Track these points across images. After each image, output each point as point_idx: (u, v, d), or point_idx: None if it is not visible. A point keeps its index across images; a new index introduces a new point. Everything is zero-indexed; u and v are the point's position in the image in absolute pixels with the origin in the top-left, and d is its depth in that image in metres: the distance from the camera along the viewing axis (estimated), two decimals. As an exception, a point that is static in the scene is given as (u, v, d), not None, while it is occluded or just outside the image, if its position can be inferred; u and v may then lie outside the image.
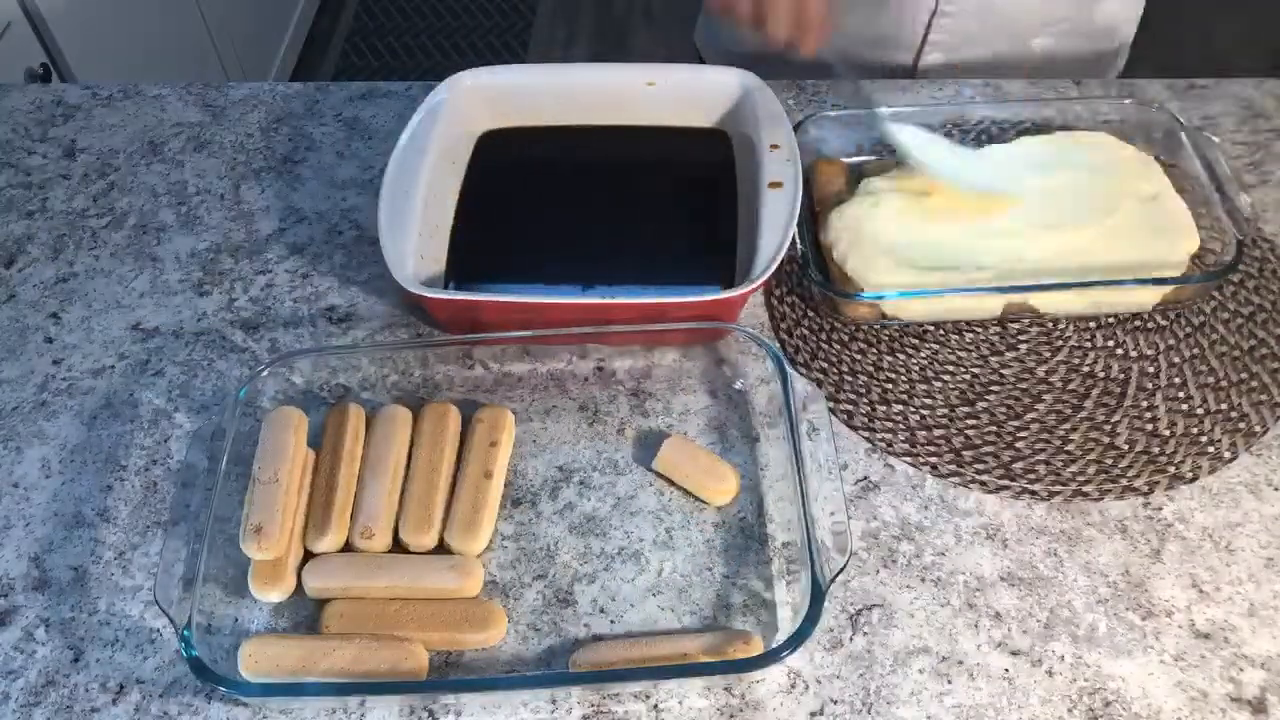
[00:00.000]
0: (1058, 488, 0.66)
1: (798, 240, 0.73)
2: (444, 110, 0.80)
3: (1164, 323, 0.74)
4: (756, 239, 0.71)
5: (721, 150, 0.82)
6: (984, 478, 0.67)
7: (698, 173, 0.81)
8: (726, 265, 0.74)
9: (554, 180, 0.82)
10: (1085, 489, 0.66)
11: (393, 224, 0.72)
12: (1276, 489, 0.66)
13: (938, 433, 0.69)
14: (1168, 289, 0.72)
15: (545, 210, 0.80)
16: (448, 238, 0.77)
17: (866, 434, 0.69)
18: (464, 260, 0.76)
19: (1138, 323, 0.74)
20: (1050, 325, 0.75)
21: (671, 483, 0.67)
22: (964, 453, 0.68)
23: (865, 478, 0.67)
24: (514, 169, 0.82)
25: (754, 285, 0.68)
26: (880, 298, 0.72)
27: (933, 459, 0.68)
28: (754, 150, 0.77)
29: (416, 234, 0.73)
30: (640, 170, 0.82)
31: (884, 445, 0.69)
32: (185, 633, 0.57)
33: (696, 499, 0.66)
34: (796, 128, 0.78)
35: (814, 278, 0.72)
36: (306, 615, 0.62)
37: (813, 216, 0.77)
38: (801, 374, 0.70)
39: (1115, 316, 0.75)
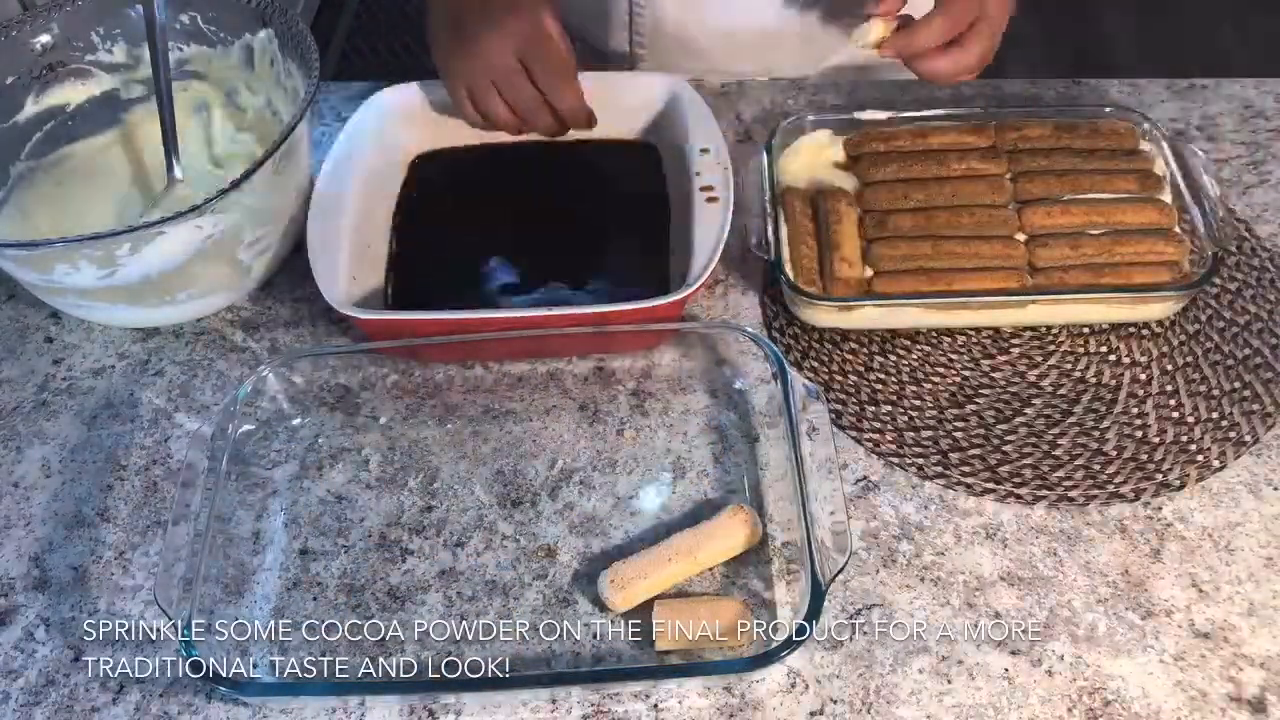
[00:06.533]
0: (1044, 492, 0.66)
1: (769, 240, 0.73)
2: (369, 128, 0.80)
3: (1158, 330, 0.74)
4: (691, 245, 0.71)
5: (651, 161, 0.82)
6: (970, 480, 0.67)
7: (629, 185, 0.81)
8: (662, 273, 0.75)
9: (486, 197, 0.82)
10: (1071, 494, 0.66)
11: (322, 245, 0.72)
12: (1276, 489, 0.66)
13: (925, 434, 0.69)
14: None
15: (479, 227, 0.80)
16: (383, 257, 0.78)
17: (854, 434, 0.69)
18: (401, 279, 0.77)
19: (1131, 329, 0.74)
20: (1043, 330, 0.74)
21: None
22: (951, 455, 0.68)
23: (865, 477, 0.67)
24: (446, 186, 0.82)
25: (689, 292, 0.68)
26: (841, 301, 0.71)
27: (919, 460, 0.68)
28: (684, 156, 0.77)
29: (347, 254, 0.73)
30: (572, 186, 0.82)
31: (870, 445, 0.69)
32: (185, 633, 0.57)
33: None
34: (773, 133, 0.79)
35: (785, 277, 0.72)
36: (306, 614, 0.62)
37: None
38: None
39: (1109, 321, 0.74)
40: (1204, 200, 0.73)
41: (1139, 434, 0.69)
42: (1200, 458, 0.67)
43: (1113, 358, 0.73)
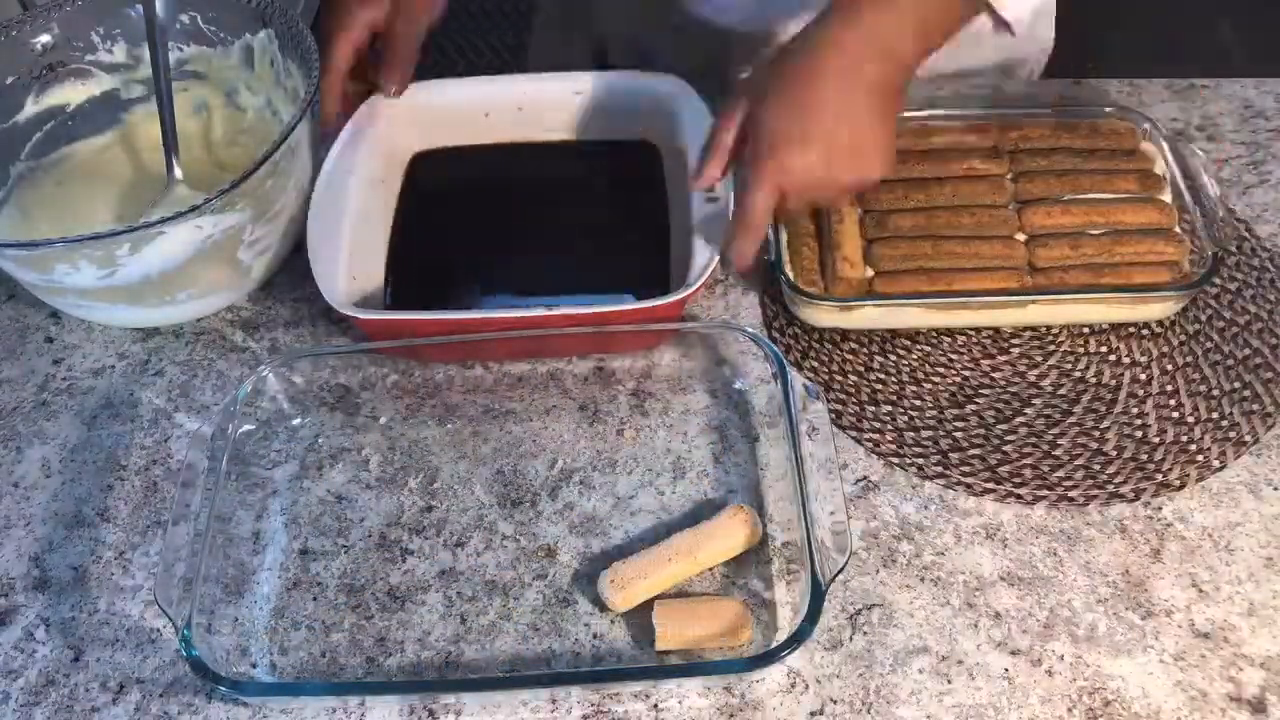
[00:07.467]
0: (1044, 492, 0.66)
1: (769, 240, 0.73)
2: (369, 128, 0.79)
3: (1158, 330, 0.74)
4: (691, 245, 0.71)
5: (651, 161, 0.82)
6: (970, 480, 0.67)
7: (629, 185, 0.81)
8: (662, 273, 0.75)
9: (486, 197, 0.82)
10: (1071, 494, 0.66)
11: (322, 245, 0.72)
12: (1276, 489, 0.66)
13: (925, 434, 0.69)
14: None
15: (479, 227, 0.80)
16: (383, 258, 0.78)
17: (854, 434, 0.69)
18: (401, 279, 0.77)
19: (1131, 329, 0.74)
20: (1043, 330, 0.74)
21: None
22: (951, 455, 0.68)
23: (865, 477, 0.67)
24: (446, 186, 0.82)
25: (689, 292, 0.68)
26: (842, 302, 0.71)
27: (919, 460, 0.68)
28: (684, 156, 0.77)
29: (347, 254, 0.73)
30: (572, 186, 0.82)
31: (870, 445, 0.69)
32: (185, 633, 0.57)
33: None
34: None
35: (785, 277, 0.72)
36: (306, 614, 0.62)
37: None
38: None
39: (1109, 321, 0.74)
40: (1204, 200, 0.73)
41: (1139, 434, 0.69)
42: (1200, 458, 0.67)
43: (1113, 358, 0.73)
